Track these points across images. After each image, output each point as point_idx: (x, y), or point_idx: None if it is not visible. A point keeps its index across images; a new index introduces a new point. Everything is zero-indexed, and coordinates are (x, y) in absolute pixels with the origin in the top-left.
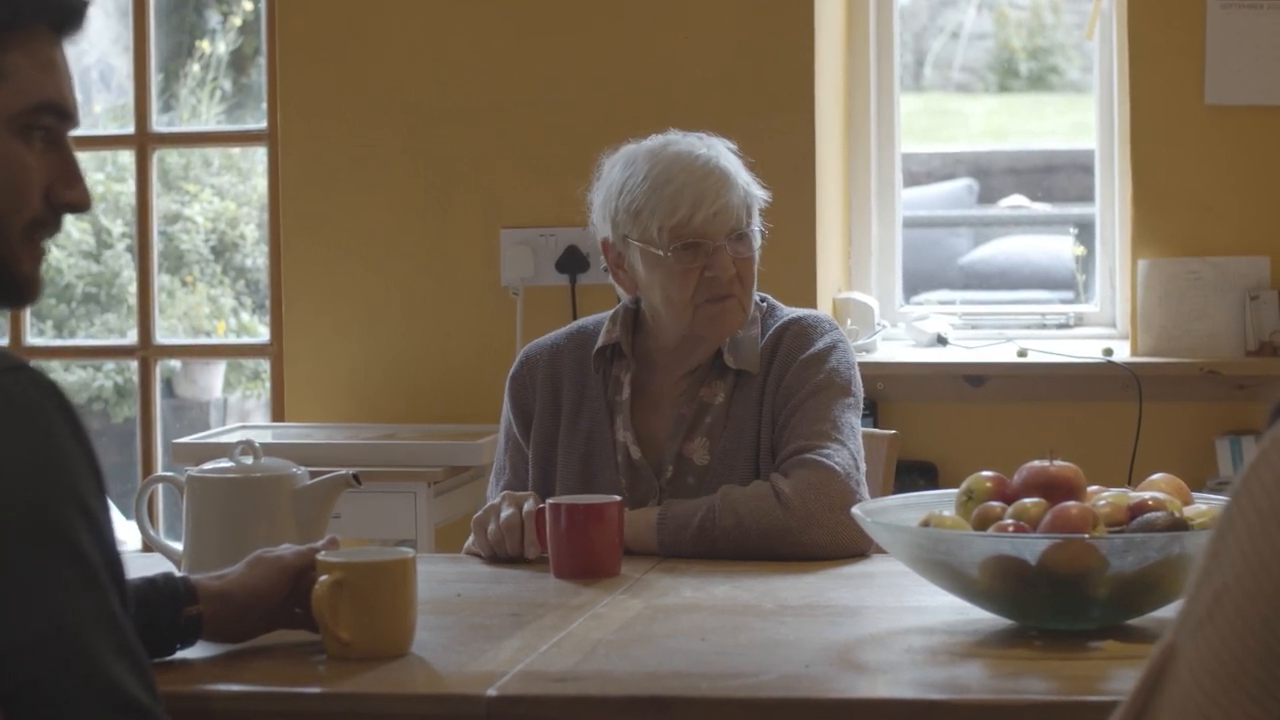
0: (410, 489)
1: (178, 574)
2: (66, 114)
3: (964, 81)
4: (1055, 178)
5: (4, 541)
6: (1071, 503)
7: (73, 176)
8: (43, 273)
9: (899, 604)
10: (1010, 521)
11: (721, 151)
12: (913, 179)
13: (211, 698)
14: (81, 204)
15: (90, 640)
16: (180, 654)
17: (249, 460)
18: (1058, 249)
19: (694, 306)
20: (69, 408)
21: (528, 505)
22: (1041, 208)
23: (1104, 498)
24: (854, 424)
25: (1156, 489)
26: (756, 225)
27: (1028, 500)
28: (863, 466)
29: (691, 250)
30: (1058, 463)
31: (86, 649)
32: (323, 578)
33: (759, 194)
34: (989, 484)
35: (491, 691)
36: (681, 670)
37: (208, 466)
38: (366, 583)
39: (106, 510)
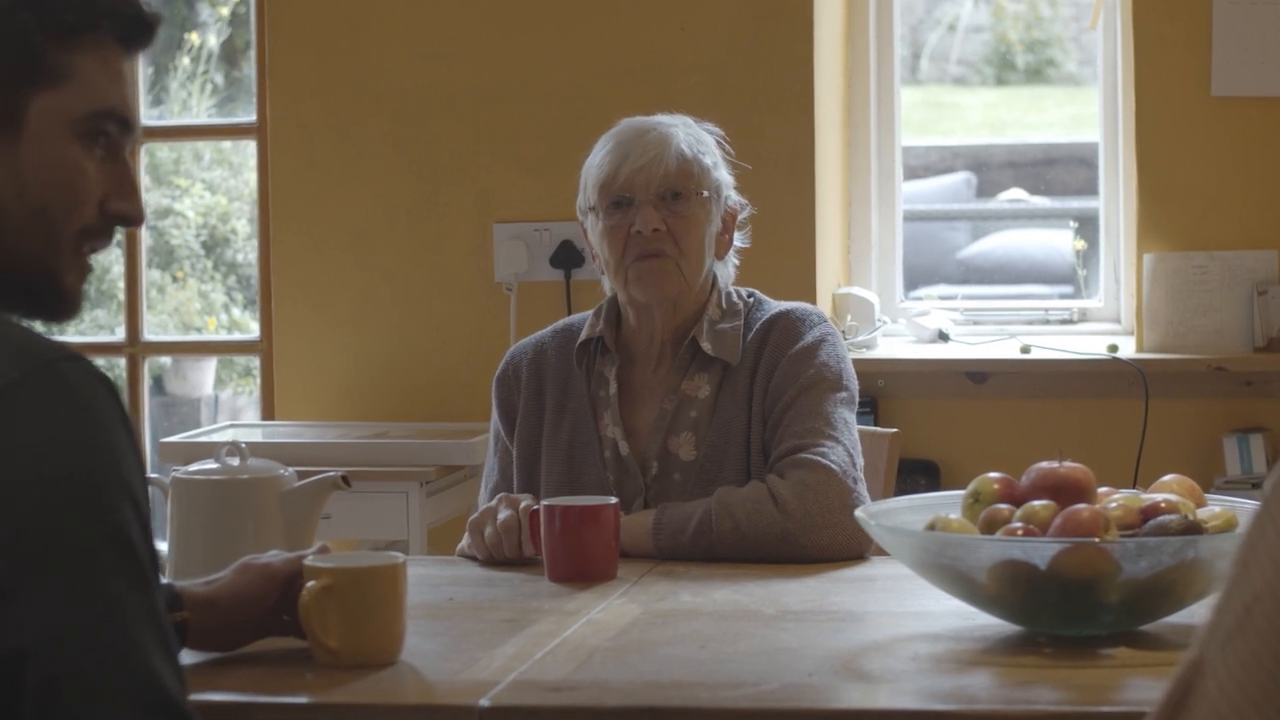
0: (402, 489)
1: (162, 580)
2: (129, 125)
3: (961, 74)
4: (1054, 171)
5: (58, 523)
6: (1082, 505)
7: (129, 189)
8: (85, 289)
9: (902, 609)
10: (1019, 525)
11: (681, 123)
12: (910, 172)
13: (196, 708)
14: (135, 217)
15: (137, 632)
16: None
17: (235, 461)
18: (1056, 243)
19: (625, 267)
20: (120, 401)
21: (524, 502)
22: (1040, 201)
23: (1115, 500)
24: (848, 419)
25: (1168, 490)
26: (709, 194)
27: (1037, 503)
28: (860, 462)
29: (621, 208)
30: (1067, 463)
31: (133, 640)
32: (310, 584)
33: (724, 178)
34: (996, 486)
35: (484, 702)
36: (680, 679)
37: (193, 468)
38: (355, 589)
39: (149, 505)
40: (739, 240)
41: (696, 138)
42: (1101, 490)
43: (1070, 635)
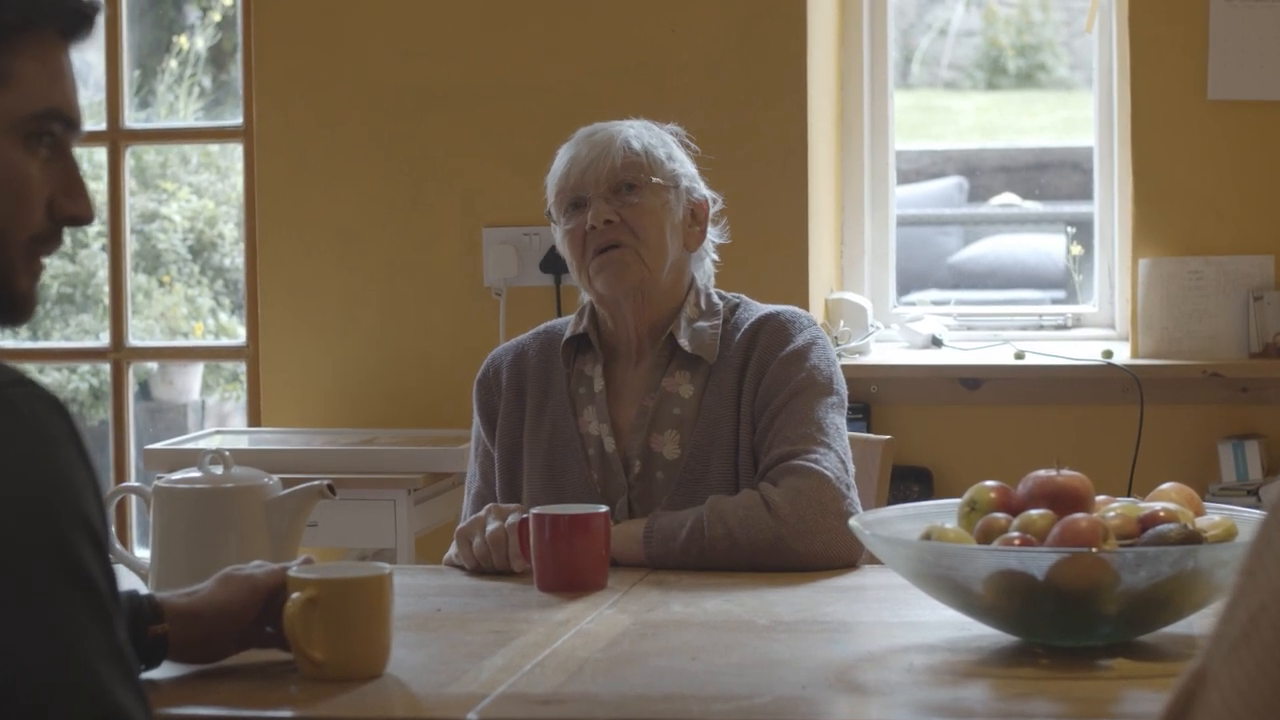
0: (389, 496)
1: (143, 591)
2: (72, 123)
3: (952, 79)
4: (1046, 175)
5: (11, 556)
6: (1080, 514)
7: (76, 188)
8: (38, 290)
9: (896, 619)
10: (1016, 534)
11: (635, 122)
12: (901, 176)
13: None
14: (85, 217)
15: (97, 665)
16: (145, 675)
17: (219, 470)
18: (1048, 248)
19: (586, 265)
20: (74, 425)
21: (512, 517)
22: (1032, 206)
23: (1113, 509)
24: (839, 424)
25: (1167, 499)
26: (662, 181)
27: (1034, 512)
28: (851, 468)
29: (578, 209)
30: (1065, 472)
31: (95, 677)
32: (294, 595)
33: (683, 170)
34: (993, 494)
35: (472, 716)
36: (671, 692)
37: (176, 476)
38: (340, 600)
39: (108, 532)
40: (718, 236)
41: (649, 133)
42: (1099, 499)
43: (1068, 646)
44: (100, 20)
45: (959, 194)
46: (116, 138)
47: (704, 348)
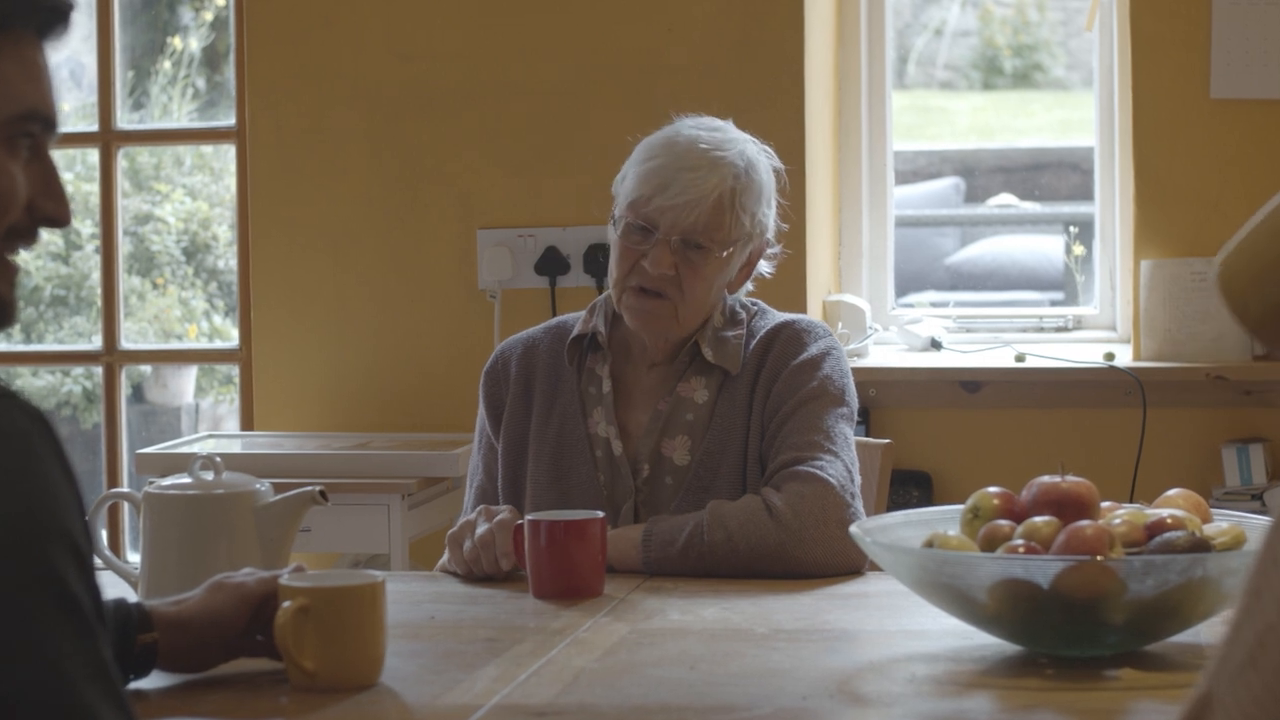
0: (383, 501)
1: (131, 600)
2: (51, 122)
3: (948, 79)
4: (1044, 176)
5: None
6: (1086, 522)
7: (55, 188)
8: (17, 293)
9: (899, 627)
10: (1020, 542)
11: (739, 156)
12: (897, 177)
13: None
14: (63, 218)
15: (82, 690)
16: (134, 685)
17: (209, 475)
18: (1046, 249)
19: (624, 289)
20: (57, 440)
21: (500, 517)
22: (1031, 206)
23: (1119, 516)
24: (847, 434)
25: (1174, 505)
26: (731, 251)
27: (1038, 519)
28: (858, 479)
29: (640, 232)
30: (1070, 478)
31: (79, 696)
32: (285, 604)
33: (758, 225)
34: (996, 501)
35: None
36: (669, 703)
37: (166, 482)
38: (332, 609)
39: (92, 548)
40: (766, 268)
41: (748, 181)
42: (1105, 505)
43: (1074, 656)
44: (75, 18)
45: (956, 195)
46: (109, 139)
47: (727, 359)
